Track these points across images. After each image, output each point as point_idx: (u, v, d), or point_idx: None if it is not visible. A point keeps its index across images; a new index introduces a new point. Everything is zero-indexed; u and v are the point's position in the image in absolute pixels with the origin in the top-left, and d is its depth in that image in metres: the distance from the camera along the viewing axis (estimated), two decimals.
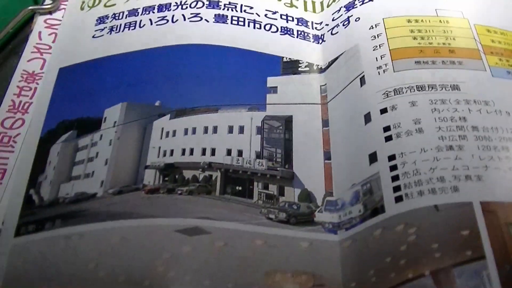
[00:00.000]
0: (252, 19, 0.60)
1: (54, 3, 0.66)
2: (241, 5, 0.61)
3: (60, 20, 0.66)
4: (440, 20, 0.53)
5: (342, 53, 0.55)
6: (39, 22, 0.65)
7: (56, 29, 0.65)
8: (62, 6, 0.67)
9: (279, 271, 0.44)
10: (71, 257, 0.44)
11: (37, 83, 0.59)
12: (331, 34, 0.58)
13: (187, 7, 0.61)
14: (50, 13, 0.66)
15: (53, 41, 0.64)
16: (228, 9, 0.60)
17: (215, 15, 0.60)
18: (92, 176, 0.53)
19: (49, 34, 0.65)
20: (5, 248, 0.46)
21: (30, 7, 0.66)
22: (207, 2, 0.61)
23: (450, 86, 0.48)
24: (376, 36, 0.53)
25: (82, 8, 0.64)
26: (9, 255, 0.45)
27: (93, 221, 0.47)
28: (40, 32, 0.64)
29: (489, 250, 0.39)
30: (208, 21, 0.59)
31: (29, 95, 0.59)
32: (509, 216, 0.41)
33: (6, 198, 0.51)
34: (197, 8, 0.60)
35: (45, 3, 0.67)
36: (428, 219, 0.42)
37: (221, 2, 0.61)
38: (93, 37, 0.60)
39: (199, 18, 0.59)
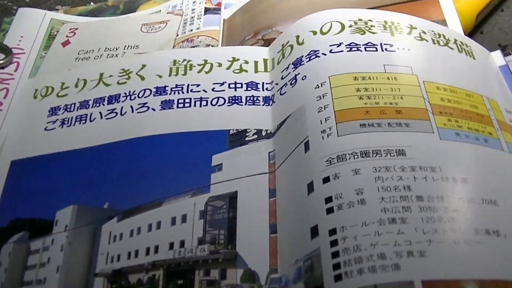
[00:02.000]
0: (199, 97, 0.59)
1: (7, 58, 0.66)
2: (188, 85, 0.60)
3: (12, 75, 0.66)
4: (388, 77, 0.51)
5: (289, 115, 0.53)
6: None
7: (8, 83, 0.65)
8: (14, 60, 0.67)
9: None
10: None
11: None
12: (280, 94, 0.56)
13: (135, 97, 0.60)
14: (2, 67, 0.66)
15: (4, 97, 0.63)
16: (174, 93, 0.60)
17: (161, 102, 0.59)
18: (44, 283, 0.52)
19: (1, 90, 0.64)
20: None
21: None
22: (154, 90, 0.60)
23: (396, 151, 0.46)
24: (322, 96, 0.51)
25: (35, 97, 0.64)
26: None
27: None
28: None
29: None
30: (154, 110, 0.58)
31: None
32: None
33: None
34: (144, 97, 0.60)
35: None
36: None
37: (167, 86, 0.60)
38: (45, 129, 0.60)
39: (146, 108, 0.59)
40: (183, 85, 0.61)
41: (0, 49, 0.69)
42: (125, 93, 0.61)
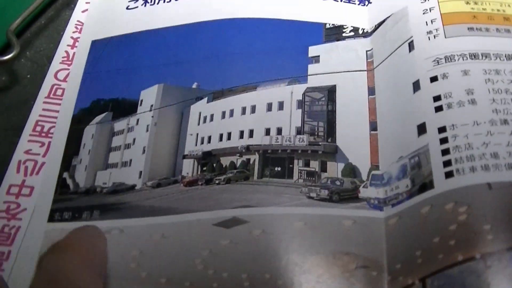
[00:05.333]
0: None
1: None
2: None
3: None
4: None
5: (389, 16, 0.52)
6: None
7: None
8: None
9: (319, 253, 0.42)
10: (111, 254, 0.41)
11: None
12: None
13: None
14: None
15: None
16: None
17: None
18: (129, 165, 0.52)
19: None
20: (38, 233, 0.45)
21: None
22: None
23: (505, 56, 0.45)
24: None
25: None
26: (42, 241, 0.44)
27: (133, 216, 0.46)
28: None
29: None
30: None
31: None
32: None
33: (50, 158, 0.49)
34: None
35: None
36: (480, 197, 0.39)
37: None
38: (127, 8, 0.58)
39: None
40: None
41: None
42: None
